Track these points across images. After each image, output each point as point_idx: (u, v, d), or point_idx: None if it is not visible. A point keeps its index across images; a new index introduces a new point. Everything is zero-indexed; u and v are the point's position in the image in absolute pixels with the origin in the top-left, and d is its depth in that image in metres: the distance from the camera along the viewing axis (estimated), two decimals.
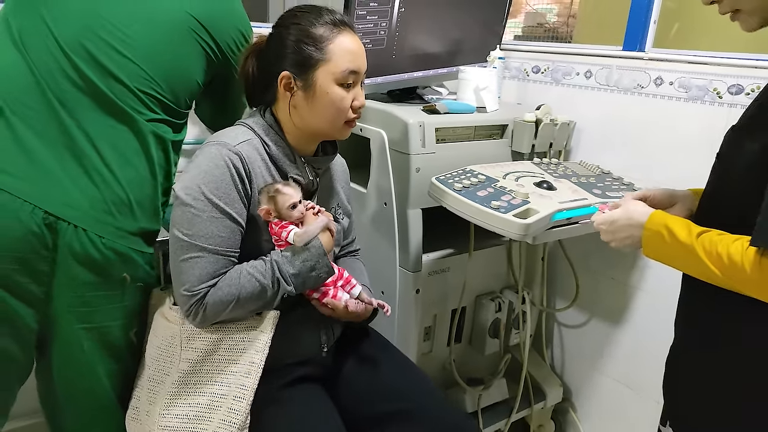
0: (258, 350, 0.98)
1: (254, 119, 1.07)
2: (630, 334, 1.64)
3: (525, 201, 1.24)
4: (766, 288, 0.66)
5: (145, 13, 1.03)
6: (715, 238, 0.72)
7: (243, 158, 0.98)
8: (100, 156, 0.98)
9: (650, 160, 1.51)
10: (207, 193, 0.95)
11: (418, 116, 1.44)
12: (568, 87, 1.72)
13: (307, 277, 1.00)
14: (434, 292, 1.54)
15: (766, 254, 0.66)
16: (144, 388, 1.05)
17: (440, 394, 1.18)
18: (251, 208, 1.01)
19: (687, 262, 0.75)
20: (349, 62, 1.01)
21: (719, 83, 1.37)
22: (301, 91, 1.02)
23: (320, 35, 1.00)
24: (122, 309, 1.06)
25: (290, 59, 1.01)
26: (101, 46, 0.99)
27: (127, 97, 1.00)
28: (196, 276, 0.95)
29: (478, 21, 1.73)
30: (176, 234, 0.97)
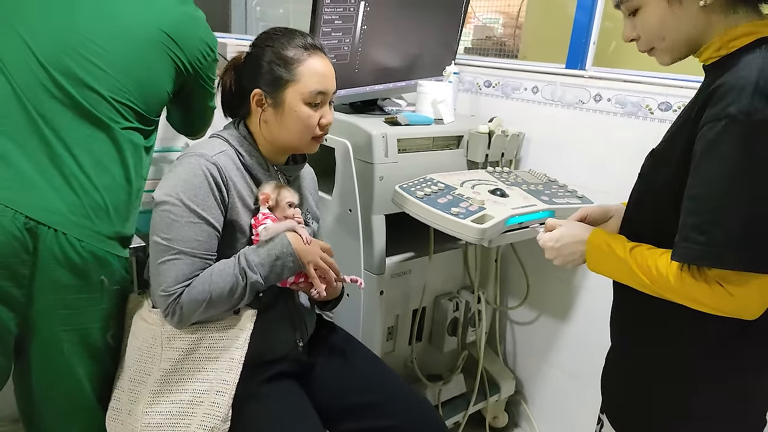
0: (238, 347, 1.04)
1: (229, 131, 1.14)
2: (574, 328, 1.78)
3: (481, 207, 1.35)
4: (687, 295, 0.77)
5: (119, 29, 1.08)
6: (645, 252, 0.82)
7: (220, 168, 1.05)
8: (77, 163, 1.03)
9: (591, 169, 1.66)
10: (185, 200, 1.01)
11: (381, 128, 1.53)
12: (518, 101, 1.86)
13: (272, 265, 1.05)
14: (397, 294, 1.63)
15: (684, 267, 0.76)
16: (125, 389, 1.08)
17: (407, 386, 1.27)
18: (228, 214, 1.07)
19: (623, 274, 0.84)
20: (317, 83, 1.08)
21: (651, 100, 1.53)
22: (271, 108, 1.09)
23: (291, 57, 1.07)
24: (100, 311, 1.09)
25: (263, 78, 1.08)
26: (79, 60, 1.04)
27: (104, 107, 1.05)
28: (173, 277, 1.00)
29: (434, 38, 1.84)
30: (155, 239, 1.02)
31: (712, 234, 0.71)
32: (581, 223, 1.00)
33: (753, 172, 0.69)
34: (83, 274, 1.03)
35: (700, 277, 0.74)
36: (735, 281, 0.72)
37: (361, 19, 1.56)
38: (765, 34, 0.76)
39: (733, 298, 0.72)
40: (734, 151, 0.69)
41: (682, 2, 0.78)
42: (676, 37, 0.81)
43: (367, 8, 1.55)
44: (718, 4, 0.77)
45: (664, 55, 0.85)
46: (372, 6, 1.56)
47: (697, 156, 0.73)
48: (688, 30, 0.80)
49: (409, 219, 1.41)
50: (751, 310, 0.74)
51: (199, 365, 1.05)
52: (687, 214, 0.74)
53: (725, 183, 0.70)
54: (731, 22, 0.77)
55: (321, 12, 1.47)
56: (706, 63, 0.82)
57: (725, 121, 0.69)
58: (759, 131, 0.67)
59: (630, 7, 0.83)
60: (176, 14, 1.15)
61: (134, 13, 1.10)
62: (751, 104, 0.67)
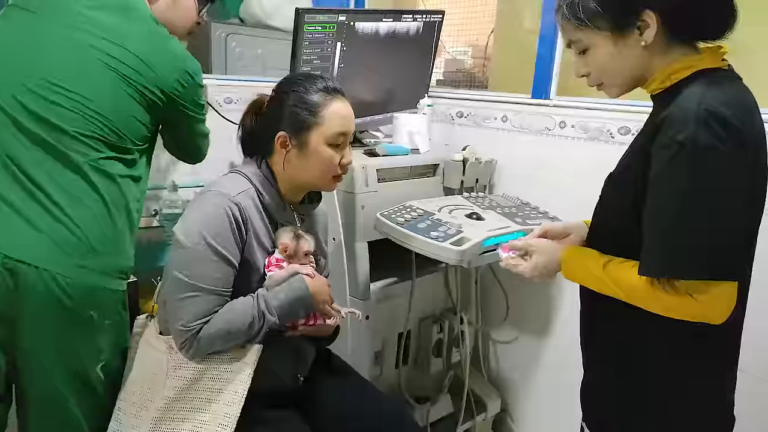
0: (241, 381, 1.07)
1: (252, 169, 1.17)
2: (554, 343, 1.85)
3: (459, 230, 1.43)
4: (659, 305, 0.84)
5: (81, 66, 1.09)
6: (619, 267, 0.89)
7: (241, 208, 1.09)
8: (51, 200, 1.04)
9: (559, 190, 1.75)
10: (208, 239, 1.05)
11: (361, 159, 1.61)
12: (489, 129, 1.96)
13: (290, 307, 1.12)
14: (382, 318, 1.68)
15: (653, 280, 0.83)
16: (127, 413, 1.11)
17: (400, 409, 1.32)
18: (245, 253, 1.12)
19: (599, 286, 0.92)
20: (340, 126, 1.15)
21: (611, 125, 1.64)
22: (296, 149, 1.14)
23: (315, 101, 1.13)
24: (90, 346, 1.11)
25: (287, 121, 1.14)
26: (39, 101, 1.06)
27: (70, 143, 1.07)
28: (193, 313, 1.05)
29: (407, 73, 1.95)
30: (175, 274, 1.06)
31: (672, 249, 0.80)
32: (548, 244, 1.06)
33: (703, 191, 0.77)
34: (69, 309, 1.05)
35: (669, 287, 0.81)
36: (699, 289, 0.79)
37: (338, 58, 1.66)
38: (701, 68, 0.85)
39: (699, 304, 0.80)
40: (685, 174, 0.78)
41: (626, 43, 0.87)
42: (623, 73, 0.91)
43: (344, 48, 1.65)
44: (656, 44, 0.86)
45: (612, 90, 0.94)
46: (348, 46, 1.65)
47: (654, 179, 0.82)
48: (632, 67, 0.89)
49: (391, 245, 1.47)
50: (716, 314, 0.81)
51: (202, 395, 1.08)
52: (648, 232, 0.82)
53: (680, 202, 0.79)
54: (669, 58, 0.87)
55: (300, 52, 1.57)
56: (653, 93, 0.91)
57: (675, 147, 0.78)
58: (704, 154, 0.76)
59: (580, 47, 0.92)
60: (144, 48, 1.14)
61: (100, 48, 1.10)
62: (696, 132, 0.76)
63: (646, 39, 0.85)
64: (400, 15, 1.78)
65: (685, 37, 0.87)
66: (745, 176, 0.79)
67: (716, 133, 0.76)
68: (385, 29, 1.74)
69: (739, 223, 0.80)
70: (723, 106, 0.77)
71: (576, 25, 0.89)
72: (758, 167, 0.84)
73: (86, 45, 1.10)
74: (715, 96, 0.79)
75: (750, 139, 0.79)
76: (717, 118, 0.76)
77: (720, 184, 0.77)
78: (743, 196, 0.79)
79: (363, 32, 1.69)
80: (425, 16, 1.86)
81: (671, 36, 0.86)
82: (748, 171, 0.79)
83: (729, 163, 0.76)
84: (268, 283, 1.13)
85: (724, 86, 0.81)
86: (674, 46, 0.87)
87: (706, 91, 0.80)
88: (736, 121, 0.77)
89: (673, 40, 0.86)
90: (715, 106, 0.77)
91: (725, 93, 0.80)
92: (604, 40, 0.88)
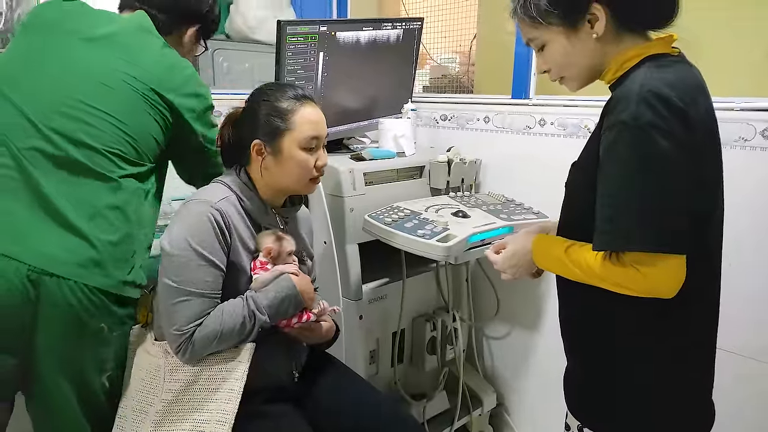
0: (237, 378, 1.11)
1: (231, 177, 1.23)
2: (545, 336, 1.90)
3: (445, 228, 1.47)
4: (611, 281, 0.87)
5: (108, 89, 1.16)
6: (578, 249, 0.93)
7: (223, 213, 1.14)
8: (74, 214, 1.09)
9: (542, 186, 1.78)
10: (193, 245, 1.10)
11: (348, 164, 1.65)
12: (472, 131, 2.02)
13: (279, 306, 1.16)
14: (376, 318, 1.72)
15: (606, 256, 0.87)
16: (128, 419, 1.15)
17: (396, 407, 1.36)
18: (231, 256, 1.16)
19: (563, 270, 0.96)
20: (311, 130, 1.20)
21: (588, 121, 1.70)
22: (271, 156, 1.20)
23: (285, 108, 1.19)
24: (98, 356, 1.15)
25: (262, 129, 1.19)
26: (69, 119, 1.12)
27: (97, 159, 1.12)
28: (186, 317, 1.09)
29: (390, 79, 2.00)
30: (166, 282, 1.10)
31: (617, 222, 0.83)
32: (521, 234, 1.11)
33: (645, 167, 0.81)
34: (81, 320, 1.09)
35: (618, 262, 0.85)
36: (645, 262, 0.83)
37: (321, 67, 1.71)
38: (649, 53, 0.90)
39: (647, 278, 0.83)
40: (629, 150, 0.82)
41: (579, 37, 0.92)
42: (579, 66, 0.95)
43: (326, 58, 1.70)
44: (608, 35, 0.91)
45: (572, 83, 0.99)
46: (330, 56, 1.71)
47: (602, 158, 0.86)
48: (588, 59, 0.94)
49: (382, 247, 1.52)
50: (665, 288, 0.84)
51: (199, 396, 1.12)
52: (598, 208, 0.87)
53: (625, 178, 0.83)
54: (621, 48, 0.92)
55: (284, 63, 1.62)
56: (610, 84, 0.96)
57: (618, 127, 0.82)
58: (646, 131, 0.80)
59: (537, 45, 0.97)
60: (161, 72, 1.21)
61: (120, 68, 1.17)
62: (637, 111, 0.81)
63: (598, 31, 0.90)
64: (380, 23, 1.84)
65: (633, 26, 0.91)
66: (689, 155, 0.82)
67: (657, 111, 0.80)
68: (366, 38, 1.80)
69: (683, 199, 0.82)
70: (666, 87, 0.81)
71: (530, 24, 0.94)
72: (706, 148, 0.87)
73: (107, 64, 1.16)
74: (659, 78, 0.83)
75: (694, 119, 0.82)
76: (659, 98, 0.80)
77: (661, 161, 0.81)
78: (687, 174, 0.82)
79: (344, 42, 1.74)
80: (405, 23, 1.91)
81: (621, 26, 0.91)
82: (693, 150, 0.82)
83: (671, 140, 0.80)
84: (255, 285, 1.17)
85: (670, 69, 0.86)
86: (625, 36, 0.91)
87: (650, 73, 0.84)
88: (678, 100, 0.81)
89: (623, 31, 0.91)
90: (658, 86, 0.81)
91: (669, 75, 0.84)
92: (558, 35, 0.93)
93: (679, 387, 0.94)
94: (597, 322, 0.98)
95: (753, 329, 1.42)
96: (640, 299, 0.86)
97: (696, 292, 0.89)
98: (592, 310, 0.97)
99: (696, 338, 0.96)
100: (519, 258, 1.08)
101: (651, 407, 0.94)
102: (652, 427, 0.95)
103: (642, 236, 0.82)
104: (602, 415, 0.99)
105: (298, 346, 1.29)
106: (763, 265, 1.39)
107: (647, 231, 0.82)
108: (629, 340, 0.94)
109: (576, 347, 1.05)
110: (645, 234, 0.82)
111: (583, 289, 0.92)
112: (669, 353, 0.93)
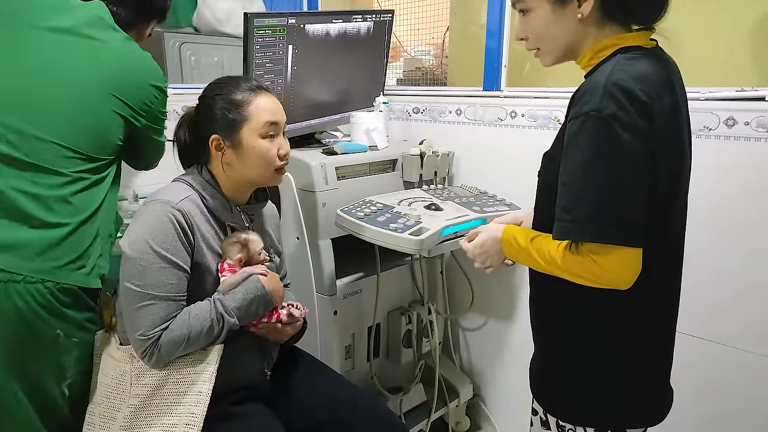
0: (205, 380, 1.09)
1: (192, 176, 1.20)
2: (520, 326, 1.91)
3: (417, 221, 1.47)
4: (570, 271, 0.88)
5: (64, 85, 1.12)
6: (542, 240, 0.94)
7: (185, 213, 1.11)
8: (25, 211, 1.06)
9: (515, 178, 1.80)
10: (155, 246, 1.07)
11: (319, 158, 1.64)
12: (444, 123, 2.01)
13: (248, 308, 1.14)
14: (351, 313, 1.71)
15: (566, 247, 0.88)
16: (95, 425, 1.12)
17: (372, 400, 1.35)
18: (195, 257, 1.13)
19: (528, 260, 0.97)
20: (268, 115, 1.18)
21: (558, 113, 1.71)
22: (231, 150, 1.17)
23: (240, 100, 1.17)
24: (56, 363, 1.12)
25: (218, 124, 1.17)
26: (22, 113, 1.08)
27: (50, 155, 1.09)
28: (151, 321, 1.06)
29: (362, 72, 1.98)
30: (128, 286, 1.07)
31: (574, 212, 0.84)
32: (492, 225, 1.11)
33: (605, 158, 0.82)
34: (33, 327, 1.05)
35: (577, 252, 0.86)
36: (600, 252, 0.84)
37: (290, 60, 1.68)
38: (623, 45, 0.90)
39: (602, 269, 0.84)
40: (590, 141, 0.82)
41: (564, 12, 0.91)
42: (557, 41, 0.95)
43: (296, 51, 1.68)
44: (592, 18, 0.91)
45: (546, 57, 0.98)
46: (299, 48, 1.68)
47: (564, 148, 0.87)
48: (567, 37, 0.94)
49: (356, 241, 1.51)
50: (620, 279, 0.85)
51: (167, 400, 1.10)
52: (558, 197, 0.87)
53: (583, 168, 0.83)
54: (601, 35, 0.92)
55: (252, 57, 1.59)
56: (585, 71, 0.97)
57: (582, 118, 0.83)
58: (607, 123, 0.81)
59: (522, 7, 0.96)
60: (121, 67, 1.18)
61: (79, 69, 1.13)
62: (601, 103, 0.81)
63: (583, 11, 0.89)
64: (350, 16, 1.82)
65: (618, 17, 0.91)
66: (650, 148, 0.82)
67: (621, 104, 0.80)
68: (336, 30, 1.78)
69: (641, 191, 0.83)
70: (632, 80, 0.82)
71: None
72: (669, 142, 0.88)
73: (63, 57, 1.12)
74: (626, 71, 0.83)
75: (659, 113, 0.83)
76: (623, 90, 0.81)
77: (620, 153, 0.81)
78: (648, 167, 0.83)
79: (314, 34, 1.72)
80: (375, 15, 1.90)
81: (605, 14, 0.91)
82: (655, 144, 0.83)
83: (632, 133, 0.80)
84: (222, 288, 1.15)
85: (640, 62, 0.86)
86: (608, 24, 0.91)
87: (619, 66, 0.85)
88: (642, 94, 0.81)
89: (607, 19, 0.91)
90: (624, 79, 0.82)
91: (638, 68, 0.84)
92: (544, 4, 0.92)
93: (637, 373, 0.96)
94: (560, 312, 0.99)
95: (713, 314, 1.45)
96: (600, 290, 0.87)
97: (656, 281, 0.90)
98: (557, 300, 0.99)
99: (655, 325, 0.97)
100: (488, 247, 1.08)
101: (608, 394, 0.96)
102: (610, 412, 0.97)
103: (597, 227, 0.83)
104: (562, 402, 1.01)
105: (268, 344, 1.28)
106: (724, 251, 1.42)
107: (602, 222, 0.82)
108: (588, 329, 0.95)
109: (541, 336, 1.06)
110: (600, 225, 0.82)
111: (548, 280, 0.93)
112: (627, 341, 0.94)
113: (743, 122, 1.36)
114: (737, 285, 1.41)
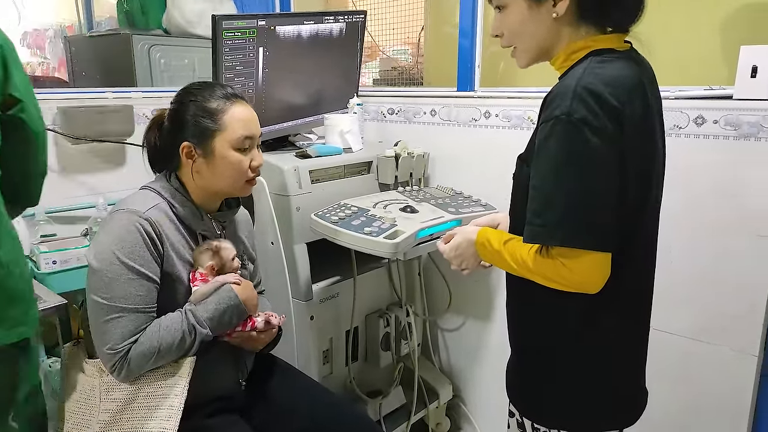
0: (177, 394, 1.06)
1: (161, 183, 1.17)
2: (497, 326, 1.92)
3: (393, 224, 1.46)
4: (541, 274, 0.88)
5: None
6: (515, 243, 0.94)
7: (153, 223, 1.08)
8: None
9: (490, 178, 1.80)
10: (122, 258, 1.04)
11: (292, 162, 1.62)
12: (419, 124, 2.00)
13: (221, 318, 1.12)
14: (328, 317, 1.70)
15: (537, 250, 0.87)
16: None
17: (349, 406, 1.34)
18: (165, 266, 1.10)
19: (501, 263, 0.96)
20: (243, 129, 1.15)
21: (531, 113, 1.71)
22: (202, 158, 1.14)
23: (215, 108, 1.13)
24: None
25: (190, 131, 1.14)
26: None
27: None
28: (119, 335, 1.03)
29: (335, 74, 1.96)
30: (95, 299, 1.04)
31: (544, 216, 0.84)
32: (468, 227, 1.11)
33: (575, 162, 0.82)
34: None
35: (547, 256, 0.86)
36: (570, 256, 0.83)
37: (261, 63, 1.66)
38: (596, 47, 0.90)
39: (572, 273, 0.84)
40: (559, 145, 0.82)
41: (540, 11, 0.90)
42: (531, 40, 0.94)
43: (267, 53, 1.65)
44: (568, 18, 0.90)
45: (521, 56, 0.97)
46: (271, 51, 1.66)
47: (535, 152, 0.86)
48: (541, 36, 0.93)
49: (332, 244, 1.49)
50: (590, 283, 0.85)
51: (138, 414, 1.07)
52: (529, 201, 0.87)
53: (554, 172, 0.83)
54: (575, 36, 0.91)
55: (221, 60, 1.56)
56: (559, 73, 0.96)
57: (552, 121, 0.82)
58: (577, 128, 0.81)
59: (498, 3, 0.95)
60: None
61: None
62: (571, 107, 0.81)
63: (558, 11, 0.89)
64: (322, 17, 1.80)
65: (593, 19, 0.90)
66: (620, 152, 0.82)
67: (590, 107, 0.80)
68: (307, 32, 1.75)
69: (611, 196, 0.83)
70: (602, 84, 0.82)
71: None
72: (640, 145, 0.87)
73: None
74: (596, 75, 0.83)
75: (629, 117, 0.83)
76: (593, 95, 0.81)
77: (590, 157, 0.81)
78: (617, 171, 0.83)
79: (285, 36, 1.69)
80: (347, 16, 1.88)
81: (581, 16, 0.90)
82: (625, 148, 0.83)
83: (601, 137, 0.80)
84: (194, 298, 1.12)
85: (610, 66, 0.86)
86: (583, 26, 0.91)
87: (590, 69, 0.85)
88: (612, 98, 0.81)
89: (582, 20, 0.90)
90: (594, 83, 0.82)
91: (608, 72, 0.84)
92: (520, 1, 0.91)
93: (610, 376, 0.96)
94: (533, 315, 0.99)
95: (686, 310, 1.47)
96: (572, 293, 0.87)
97: (626, 284, 0.90)
98: (531, 302, 0.98)
99: (626, 328, 0.97)
100: (463, 249, 1.08)
101: (581, 397, 0.96)
102: (583, 414, 0.97)
103: (566, 232, 0.82)
104: (536, 404, 1.01)
105: (243, 353, 1.25)
106: (696, 248, 1.44)
107: (571, 226, 0.82)
108: (560, 332, 0.95)
109: (516, 338, 1.06)
110: (570, 230, 0.82)
111: (522, 283, 0.93)
112: (599, 343, 0.94)
113: (712, 120, 1.38)
114: (708, 281, 1.43)
